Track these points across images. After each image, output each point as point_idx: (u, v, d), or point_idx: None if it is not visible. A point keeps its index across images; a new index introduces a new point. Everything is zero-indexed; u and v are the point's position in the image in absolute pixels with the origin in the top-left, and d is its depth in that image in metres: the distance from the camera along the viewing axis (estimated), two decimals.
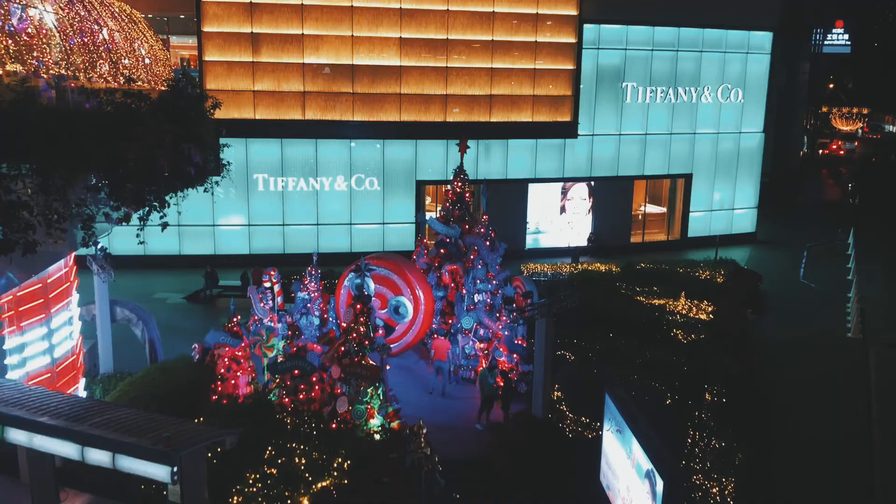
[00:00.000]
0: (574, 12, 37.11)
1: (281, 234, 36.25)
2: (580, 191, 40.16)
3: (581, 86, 38.18)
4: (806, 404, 22.09)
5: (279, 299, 20.88)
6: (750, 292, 31.97)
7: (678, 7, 39.69)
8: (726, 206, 43.48)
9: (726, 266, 33.85)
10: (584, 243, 39.78)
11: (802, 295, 33.80)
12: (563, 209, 40.10)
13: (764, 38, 42.23)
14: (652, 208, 43.85)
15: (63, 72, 15.47)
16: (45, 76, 14.44)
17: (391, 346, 20.92)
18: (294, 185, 35.95)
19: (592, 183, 40.11)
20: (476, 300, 22.25)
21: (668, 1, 39.68)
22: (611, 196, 40.46)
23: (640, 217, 42.68)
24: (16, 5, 14.28)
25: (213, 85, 33.64)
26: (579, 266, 34.70)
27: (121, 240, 27.89)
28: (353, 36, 34.92)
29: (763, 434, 19.63)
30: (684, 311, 28.15)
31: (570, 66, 37.71)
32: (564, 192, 39.94)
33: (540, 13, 36.76)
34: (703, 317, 27.62)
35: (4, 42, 13.75)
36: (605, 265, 34.31)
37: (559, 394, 19.90)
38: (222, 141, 19.61)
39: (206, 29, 33.75)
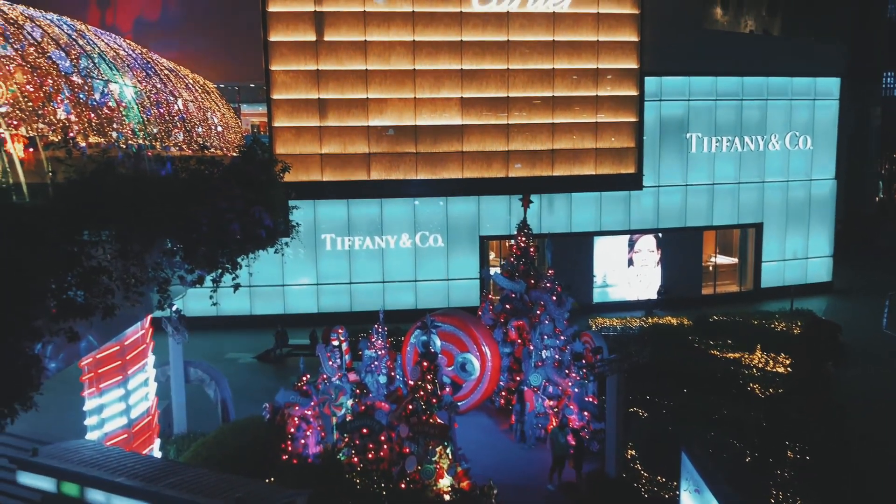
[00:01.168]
0: (635, 66, 37.19)
1: (348, 293, 36.67)
2: (648, 243, 39.60)
3: (644, 137, 38.00)
4: (894, 460, 20.89)
5: (347, 357, 21.02)
6: (829, 344, 30.69)
7: (741, 57, 39.38)
8: (800, 255, 42.19)
9: (803, 317, 32.70)
10: (654, 296, 39.04)
11: (886, 346, 32.28)
12: (630, 262, 39.54)
13: (831, 84, 41.42)
14: (723, 259, 42.87)
15: (140, 141, 16.20)
16: (123, 146, 15.13)
17: (459, 403, 20.75)
18: (360, 243, 36.50)
19: (660, 234, 39.53)
20: (544, 356, 21.95)
21: (730, 51, 39.45)
22: (679, 247, 39.75)
23: (710, 268, 41.74)
24: (99, 81, 15.10)
25: (282, 149, 34.70)
26: (649, 320, 34.00)
27: (194, 301, 28.74)
28: (415, 98, 35.68)
29: (849, 493, 18.59)
30: (761, 365, 27.20)
31: (633, 119, 37.63)
32: (631, 245, 39.44)
33: (600, 68, 36.95)
34: (781, 370, 26.63)
35: (87, 116, 14.51)
36: (676, 318, 33.53)
37: (633, 452, 19.32)
38: (291, 203, 20.12)
39: (275, 97, 34.99)
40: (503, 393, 23.89)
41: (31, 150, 14.04)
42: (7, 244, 9.47)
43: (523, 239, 24.80)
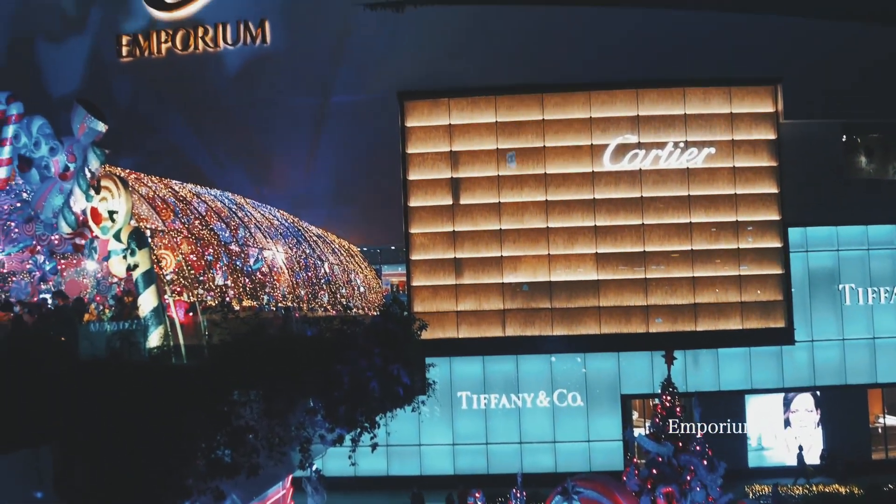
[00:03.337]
0: (776, 217, 36.14)
1: (484, 454, 35.80)
2: (805, 402, 36.74)
3: (792, 289, 36.19)
4: None
5: None
6: None
7: (891, 204, 37.44)
8: None
9: None
10: (817, 461, 35.65)
11: None
12: (787, 422, 36.67)
13: None
14: (893, 420, 38.94)
15: (289, 304, 17.03)
16: (273, 308, 15.94)
17: None
18: (496, 402, 35.97)
19: (818, 393, 36.66)
20: None
21: (879, 199, 37.60)
22: (842, 407, 36.52)
23: (879, 430, 37.93)
24: (255, 249, 16.21)
25: (419, 308, 35.49)
26: (813, 488, 30.98)
27: (332, 461, 28.82)
28: (549, 255, 36.02)
29: None
30: None
31: (779, 271, 36.12)
32: (787, 404, 36.71)
33: (740, 220, 36.15)
34: None
35: (242, 281, 15.48)
36: (844, 487, 30.42)
37: None
38: (428, 360, 20.29)
39: (414, 258, 36.33)
40: None
41: (191, 314, 15.04)
42: (165, 405, 9.95)
43: (668, 398, 23.63)
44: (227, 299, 15.61)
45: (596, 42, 37.18)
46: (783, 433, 36.60)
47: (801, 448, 34.68)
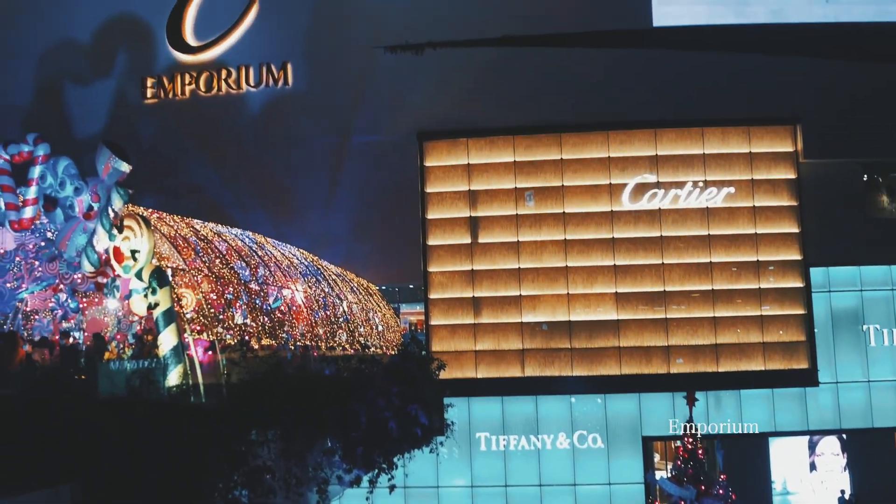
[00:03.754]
0: (798, 257, 35.80)
1: (503, 496, 35.26)
2: (831, 445, 35.96)
3: (815, 330, 35.69)
4: None
5: None
6: None
7: None
8: None
9: None
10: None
11: None
12: (812, 466, 35.89)
13: None
14: None
15: (308, 342, 17.04)
16: (291, 347, 15.95)
17: None
18: (515, 443, 35.54)
19: (844, 436, 35.91)
20: None
21: None
22: (869, 450, 35.72)
23: None
24: (274, 288, 16.29)
25: (437, 347, 35.33)
26: None
27: (350, 502, 28.56)
28: (568, 294, 35.84)
29: None
30: None
31: (801, 311, 35.66)
32: (812, 447, 35.96)
33: (761, 260, 35.85)
34: None
35: (262, 320, 15.53)
36: None
37: None
38: (446, 401, 20.14)
39: (432, 296, 36.27)
40: None
41: (210, 352, 15.09)
42: (183, 444, 9.92)
43: (690, 440, 23.31)
44: (247, 338, 15.64)
45: (614, 82, 37.33)
46: (809, 477, 35.81)
47: (843, 492, 33.90)
